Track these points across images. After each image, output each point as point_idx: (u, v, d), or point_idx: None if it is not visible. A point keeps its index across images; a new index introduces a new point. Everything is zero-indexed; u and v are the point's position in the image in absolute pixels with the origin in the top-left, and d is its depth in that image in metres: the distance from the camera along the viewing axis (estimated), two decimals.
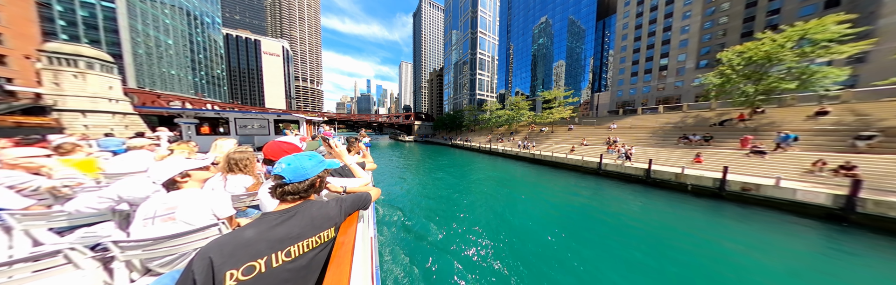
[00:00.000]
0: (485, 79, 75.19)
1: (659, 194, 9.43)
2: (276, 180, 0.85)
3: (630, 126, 17.65)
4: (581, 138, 18.90)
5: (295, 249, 0.76)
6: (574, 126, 22.22)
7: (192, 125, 6.26)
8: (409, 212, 7.60)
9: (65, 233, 1.43)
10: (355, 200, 1.03)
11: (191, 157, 2.01)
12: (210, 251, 0.65)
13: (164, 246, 1.06)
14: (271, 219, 0.79)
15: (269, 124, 7.20)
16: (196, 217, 1.14)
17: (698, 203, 8.32)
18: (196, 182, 1.27)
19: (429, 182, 12.22)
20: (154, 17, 43.62)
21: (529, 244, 5.47)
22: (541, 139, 23.65)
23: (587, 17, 48.08)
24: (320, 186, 0.94)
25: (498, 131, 33.75)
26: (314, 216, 0.85)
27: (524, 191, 10.55)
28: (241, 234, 0.72)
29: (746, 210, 7.51)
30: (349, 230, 0.94)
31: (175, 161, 1.23)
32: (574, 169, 14.67)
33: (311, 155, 0.94)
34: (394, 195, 9.72)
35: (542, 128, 25.21)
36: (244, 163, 1.71)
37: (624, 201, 8.76)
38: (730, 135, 12.42)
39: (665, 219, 7.02)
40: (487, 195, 9.71)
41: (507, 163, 18.14)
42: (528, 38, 63.36)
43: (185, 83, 50.63)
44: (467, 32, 74.34)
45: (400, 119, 60.76)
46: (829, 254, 5.09)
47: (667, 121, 16.01)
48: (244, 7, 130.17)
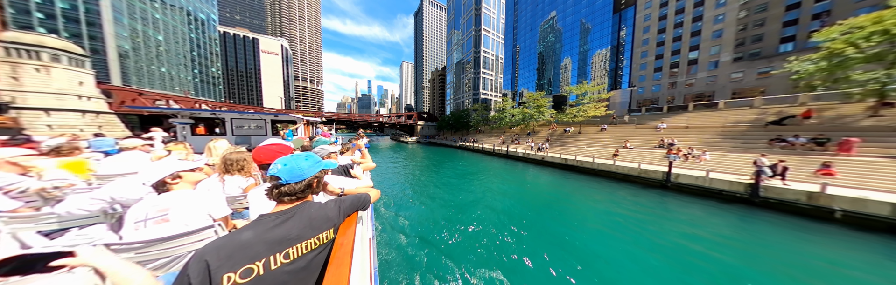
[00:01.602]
0: (489, 78, 73.05)
1: (785, 224, 6.44)
2: (272, 181, 0.84)
3: (686, 126, 14.56)
4: (623, 140, 15.83)
5: (293, 251, 0.74)
6: (607, 126, 19.13)
7: (187, 125, 6.01)
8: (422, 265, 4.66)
9: (54, 236, 1.35)
10: (354, 201, 1.01)
11: (188, 159, 1.99)
12: (206, 254, 0.64)
13: (158, 248, 1.02)
14: (269, 221, 0.77)
15: (266, 125, 6.96)
16: (191, 218, 1.10)
17: (870, 242, 5.30)
18: (188, 183, 1.23)
19: (443, 202, 9.24)
20: (142, 11, 41.14)
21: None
22: (566, 141, 20.60)
23: (602, 10, 45.05)
24: (318, 187, 0.91)
25: (511, 132, 30.69)
26: (313, 217, 0.83)
27: (595, 223, 7.54)
28: (239, 236, 0.70)
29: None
30: (348, 231, 0.94)
31: (165, 162, 1.21)
32: (626, 179, 11.63)
33: (307, 155, 0.93)
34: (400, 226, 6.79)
35: (567, 127, 22.12)
36: (241, 164, 1.68)
37: (775, 246, 5.65)
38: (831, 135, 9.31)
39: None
40: (544, 231, 6.73)
41: (534, 170, 15.11)
42: (535, 35, 60.59)
43: (177, 82, 48.13)
44: (470, 30, 72.32)
45: (401, 119, 57.87)
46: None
47: (737, 119, 12.93)
48: (244, 7, 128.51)
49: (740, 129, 12.17)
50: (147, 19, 42.03)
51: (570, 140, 20.31)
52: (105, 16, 34.29)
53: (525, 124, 27.68)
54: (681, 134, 14.08)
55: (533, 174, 14.12)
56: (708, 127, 13.69)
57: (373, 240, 1.44)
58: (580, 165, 14.06)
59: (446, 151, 28.77)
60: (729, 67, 28.66)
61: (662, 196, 9.41)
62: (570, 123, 22.85)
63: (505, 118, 31.07)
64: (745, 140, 11.34)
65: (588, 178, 12.49)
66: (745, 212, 7.36)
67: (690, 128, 14.28)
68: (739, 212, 7.38)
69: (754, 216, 7.10)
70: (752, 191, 7.91)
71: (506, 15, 72.67)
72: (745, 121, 12.73)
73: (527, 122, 27.36)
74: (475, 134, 39.72)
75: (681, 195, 9.38)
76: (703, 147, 11.98)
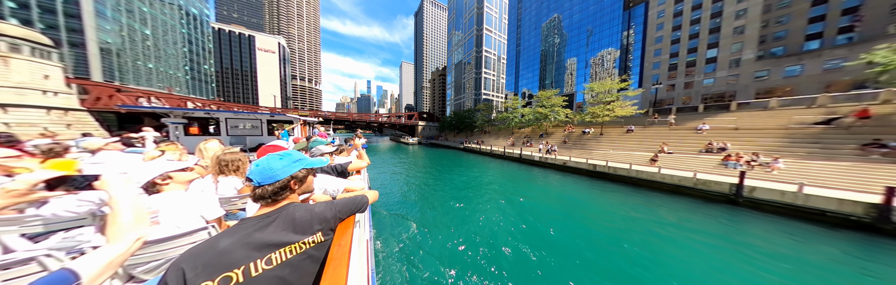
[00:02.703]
0: (491, 79, 71.71)
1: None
2: (247, 183, 0.82)
3: (735, 127, 12.59)
4: (656, 143, 13.86)
5: (276, 256, 0.70)
6: (634, 126, 17.16)
7: (180, 125, 5.81)
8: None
9: (39, 239, 1.30)
10: (348, 204, 0.96)
11: (182, 159, 1.98)
12: (183, 262, 0.62)
13: (149, 251, 1.00)
14: (249, 226, 0.74)
15: (262, 124, 6.80)
16: (182, 220, 1.09)
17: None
18: (179, 184, 1.21)
19: (457, 222, 7.16)
20: (128, 3, 38.88)
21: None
22: (585, 143, 18.61)
23: (611, 7, 43.43)
24: (299, 187, 0.86)
25: (520, 133, 28.68)
26: (297, 220, 0.78)
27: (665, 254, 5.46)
28: (216, 243, 0.68)
29: None
30: (345, 233, 0.93)
31: (155, 163, 1.19)
32: (676, 191, 9.62)
33: (284, 154, 0.87)
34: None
35: (585, 128, 20.14)
36: (235, 164, 1.66)
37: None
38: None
39: None
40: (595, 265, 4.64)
41: (556, 177, 13.08)
42: (539, 35, 59.08)
43: (166, 78, 45.78)
44: (472, 29, 71.16)
45: (402, 119, 55.72)
46: None
47: (801, 119, 10.97)
48: (242, 5, 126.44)
49: (812, 131, 10.20)
50: (133, 12, 39.77)
51: (590, 142, 18.31)
52: (85, 7, 32.04)
53: (538, 125, 25.57)
54: (730, 136, 12.12)
55: (557, 182, 12.08)
56: (763, 128, 11.74)
57: (370, 242, 1.41)
58: (613, 172, 12.04)
59: (451, 154, 26.64)
60: (752, 65, 26.94)
61: (734, 214, 7.43)
62: (588, 124, 20.86)
63: (514, 118, 28.99)
64: (824, 144, 9.37)
65: (625, 189, 10.47)
66: (879, 244, 5.36)
67: (741, 129, 12.33)
68: (868, 245, 5.38)
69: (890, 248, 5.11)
70: (881, 215, 5.91)
71: (509, 15, 71.34)
72: (807, 121, 10.78)
73: (540, 123, 25.26)
74: (480, 135, 37.67)
75: (761, 214, 7.38)
76: (767, 152, 10.01)
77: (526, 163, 18.62)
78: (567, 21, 51.96)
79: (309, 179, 0.91)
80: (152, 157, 2.07)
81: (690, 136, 13.67)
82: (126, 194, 0.71)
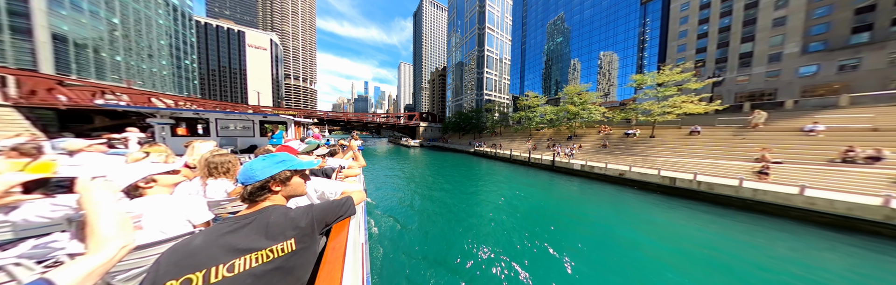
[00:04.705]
0: (493, 79, 69.00)
1: None
2: (238, 185, 0.82)
3: (873, 127, 9.17)
4: (755, 149, 10.34)
5: (240, 263, 0.65)
6: (700, 127, 13.68)
7: (167, 126, 5.60)
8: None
9: (7, 247, 1.23)
10: (329, 207, 0.90)
11: (169, 161, 1.85)
12: (163, 256, 0.62)
13: (131, 258, 0.94)
14: (225, 226, 0.71)
15: (254, 125, 6.59)
16: (167, 225, 1.03)
17: None
18: (163, 187, 1.15)
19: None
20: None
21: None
22: (634, 148, 15.10)
23: (627, 1, 40.78)
24: (280, 188, 0.83)
25: (539, 135, 25.10)
26: (270, 225, 0.74)
27: None
28: (192, 241, 0.66)
29: None
30: (339, 236, 0.91)
31: (138, 165, 1.15)
32: (836, 224, 6.10)
33: (269, 155, 0.87)
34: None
35: (628, 130, 16.66)
36: (226, 166, 1.56)
37: None
38: None
39: None
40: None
41: (611, 194, 9.44)
42: (545, 33, 56.47)
43: (137, 73, 41.19)
44: (473, 28, 68.82)
45: (401, 119, 51.85)
46: None
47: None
48: (235, 2, 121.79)
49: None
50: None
51: (641, 147, 14.80)
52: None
53: (567, 125, 21.82)
54: (863, 138, 8.72)
55: (628, 206, 8.44)
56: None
57: (365, 245, 1.38)
58: (709, 191, 8.43)
59: (460, 159, 22.76)
60: (796, 60, 24.06)
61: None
62: (630, 125, 17.37)
63: (534, 118, 25.38)
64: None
65: (741, 217, 6.92)
66: None
67: (882, 131, 8.93)
68: None
69: None
70: None
71: (513, 14, 68.90)
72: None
73: (569, 123, 21.54)
74: (491, 137, 33.99)
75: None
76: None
77: (560, 171, 14.96)
78: (577, 17, 49.29)
79: (294, 181, 0.87)
80: (136, 159, 1.93)
81: (795, 139, 10.23)
82: (107, 198, 0.66)
